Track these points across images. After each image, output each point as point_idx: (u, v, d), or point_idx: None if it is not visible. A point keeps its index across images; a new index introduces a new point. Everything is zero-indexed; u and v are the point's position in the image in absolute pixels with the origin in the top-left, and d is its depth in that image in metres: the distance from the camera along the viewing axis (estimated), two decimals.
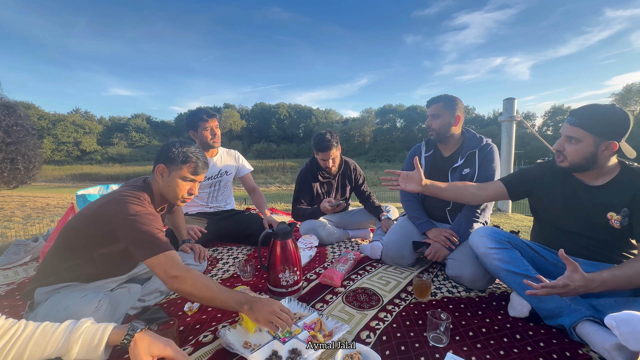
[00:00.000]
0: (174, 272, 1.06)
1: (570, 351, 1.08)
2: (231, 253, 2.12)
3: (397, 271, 1.76)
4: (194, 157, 1.33)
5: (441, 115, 1.75)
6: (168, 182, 1.31)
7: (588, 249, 1.30)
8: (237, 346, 1.06)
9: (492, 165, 1.74)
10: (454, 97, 1.76)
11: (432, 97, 1.80)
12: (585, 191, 1.29)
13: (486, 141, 1.79)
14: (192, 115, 2.12)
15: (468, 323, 1.25)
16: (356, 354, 1.02)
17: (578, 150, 1.23)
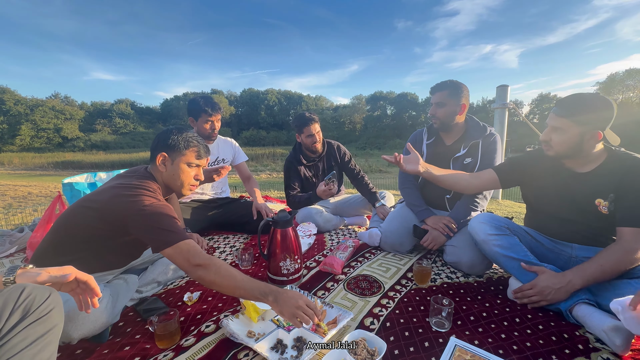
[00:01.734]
0: (197, 260, 1.03)
1: (568, 333, 1.12)
2: (228, 242, 2.08)
3: (396, 258, 1.77)
4: (196, 141, 1.29)
5: (446, 104, 1.71)
6: (172, 171, 1.26)
7: (581, 234, 1.32)
8: (241, 335, 1.04)
9: (495, 155, 1.73)
10: (460, 83, 1.71)
11: (436, 83, 1.75)
12: (574, 178, 1.31)
13: (490, 130, 1.77)
14: (196, 104, 2.04)
15: (469, 308, 1.27)
16: (362, 341, 1.02)
17: (564, 141, 1.24)
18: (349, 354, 0.96)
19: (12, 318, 0.67)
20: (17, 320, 0.68)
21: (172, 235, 1.05)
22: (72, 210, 1.17)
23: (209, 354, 1.01)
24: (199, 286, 1.46)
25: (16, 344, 0.66)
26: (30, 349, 0.67)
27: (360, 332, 1.05)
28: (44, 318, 0.71)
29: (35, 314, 0.70)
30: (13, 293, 0.69)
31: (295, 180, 2.36)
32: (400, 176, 2.02)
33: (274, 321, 1.13)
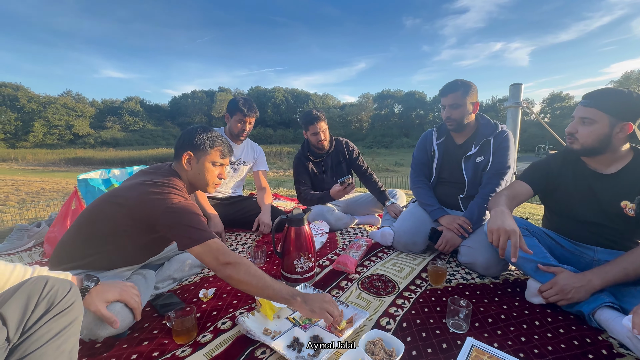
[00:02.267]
0: (227, 258, 1.04)
1: (590, 337, 1.09)
2: (239, 239, 2.09)
3: (410, 257, 1.75)
4: (220, 140, 1.32)
5: (461, 105, 1.68)
6: (198, 170, 1.28)
7: (605, 237, 1.29)
8: (257, 333, 1.04)
9: (508, 153, 1.70)
10: (469, 82, 1.70)
11: (445, 85, 1.72)
12: (598, 180, 1.27)
13: (501, 128, 1.74)
14: (235, 102, 2.11)
15: (486, 310, 1.25)
16: (379, 341, 1.01)
17: (592, 132, 1.20)
18: (366, 354, 0.95)
19: (37, 310, 0.69)
20: (42, 313, 0.69)
21: (201, 233, 1.06)
22: (97, 206, 1.18)
23: (226, 351, 1.01)
24: (213, 283, 1.46)
25: (41, 335, 0.67)
26: (55, 340, 0.68)
27: (377, 332, 1.04)
28: (67, 310, 0.73)
29: (59, 306, 0.71)
30: (37, 285, 0.71)
31: (305, 175, 2.38)
32: (411, 175, 2.00)
33: (290, 319, 1.13)
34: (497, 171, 1.70)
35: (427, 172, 1.94)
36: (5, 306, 0.66)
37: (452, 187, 1.85)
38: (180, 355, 0.99)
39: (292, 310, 1.17)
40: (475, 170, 1.75)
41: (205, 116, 63.78)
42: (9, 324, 0.64)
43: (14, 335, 0.65)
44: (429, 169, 1.93)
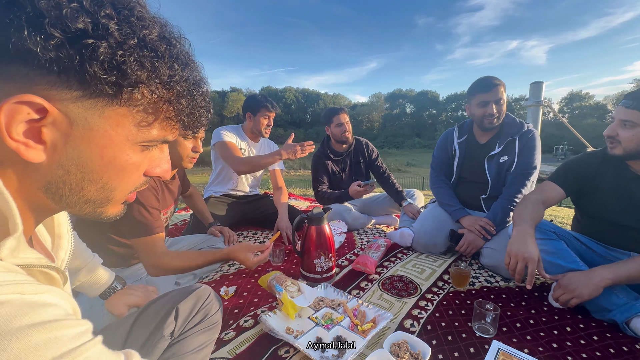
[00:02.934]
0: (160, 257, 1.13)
1: (627, 346, 1.04)
2: (257, 237, 2.10)
3: (430, 259, 1.72)
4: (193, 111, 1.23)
5: (504, 100, 1.64)
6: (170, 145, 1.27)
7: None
8: (281, 332, 1.04)
9: (534, 152, 1.64)
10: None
11: (487, 78, 1.65)
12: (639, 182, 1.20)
13: (527, 127, 1.68)
14: (256, 100, 2.11)
15: (513, 314, 1.21)
16: (404, 343, 0.99)
17: (634, 136, 1.13)
18: (392, 356, 0.93)
19: (196, 317, 0.74)
20: (198, 321, 0.74)
21: (144, 228, 1.11)
22: None
23: (249, 348, 1.01)
24: (233, 281, 1.47)
25: (191, 342, 0.72)
26: (198, 351, 0.72)
27: (401, 334, 1.02)
28: (213, 326, 0.78)
29: (209, 320, 0.77)
30: (204, 293, 0.76)
31: (323, 174, 2.37)
32: (431, 174, 1.96)
33: (312, 319, 1.12)
34: (523, 171, 1.64)
35: (448, 171, 1.90)
36: (182, 303, 0.71)
37: (474, 187, 1.80)
38: None
39: (314, 310, 1.16)
40: (499, 170, 1.70)
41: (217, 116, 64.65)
42: (178, 320, 0.69)
43: (177, 332, 0.69)
44: (449, 168, 1.88)
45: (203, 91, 0.43)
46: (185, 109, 0.41)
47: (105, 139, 0.37)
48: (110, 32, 0.32)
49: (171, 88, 0.38)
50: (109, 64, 0.32)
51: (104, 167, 0.38)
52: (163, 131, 0.41)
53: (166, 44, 0.37)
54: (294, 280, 1.26)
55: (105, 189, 0.40)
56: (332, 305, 1.19)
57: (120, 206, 0.45)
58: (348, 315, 1.11)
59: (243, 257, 1.24)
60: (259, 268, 1.62)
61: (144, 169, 0.44)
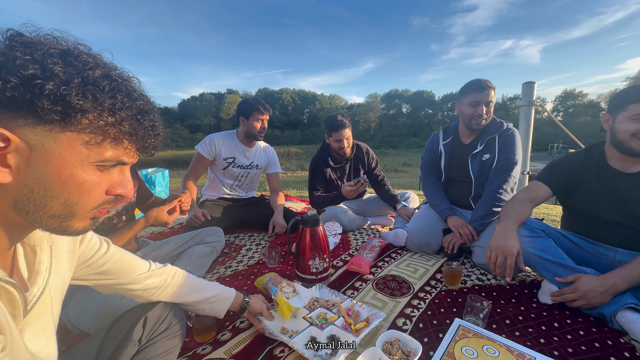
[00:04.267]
0: None
1: (612, 340, 1.07)
2: (253, 240, 2.12)
3: (424, 258, 1.75)
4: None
5: (493, 102, 1.70)
6: None
7: (627, 237, 1.26)
8: (276, 332, 1.06)
9: (514, 149, 1.69)
10: None
11: (478, 81, 1.67)
12: (623, 179, 1.24)
13: (507, 126, 1.75)
14: (248, 104, 2.11)
15: (503, 311, 1.24)
16: (396, 341, 1.02)
17: None
18: (384, 354, 0.96)
19: (163, 324, 0.80)
20: (164, 329, 0.81)
21: None
22: None
23: (245, 349, 1.03)
24: (229, 283, 1.49)
25: (157, 348, 0.78)
26: (163, 356, 0.79)
27: (393, 332, 1.05)
28: (177, 334, 0.85)
29: (175, 328, 0.83)
30: (167, 306, 0.83)
31: (321, 182, 2.34)
32: (422, 175, 2.01)
33: (307, 319, 1.14)
34: (504, 167, 1.69)
35: (437, 172, 1.95)
36: (151, 312, 0.78)
37: (462, 186, 1.85)
38: (201, 353, 1.01)
39: (309, 310, 1.18)
40: (482, 168, 1.75)
41: (214, 118, 64.53)
42: (146, 328, 0.76)
43: (145, 338, 0.76)
44: (438, 169, 1.94)
45: (151, 117, 0.50)
46: (129, 130, 0.47)
47: (60, 160, 0.43)
48: (56, 74, 0.40)
49: (115, 114, 0.45)
50: (54, 98, 0.40)
51: (63, 184, 0.44)
52: (116, 152, 0.48)
53: (108, 80, 0.45)
54: (289, 281, 1.28)
55: (67, 204, 0.46)
56: (326, 305, 1.22)
57: (87, 221, 0.50)
58: (342, 315, 1.14)
59: (156, 214, 1.33)
60: (255, 270, 1.64)
61: (105, 188, 0.49)
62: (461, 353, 0.98)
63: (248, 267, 1.68)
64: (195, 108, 66.28)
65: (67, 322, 1.11)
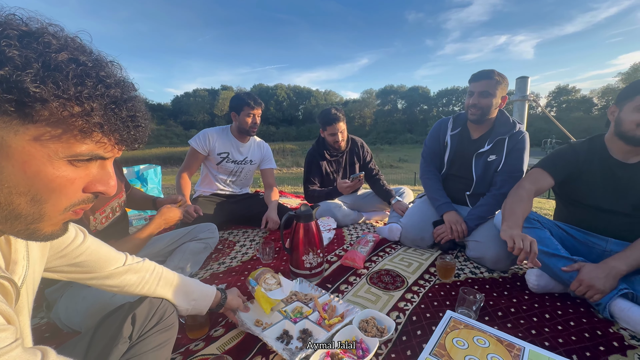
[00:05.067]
0: None
1: (601, 330, 1.09)
2: (247, 235, 2.11)
3: (417, 253, 1.76)
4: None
5: (492, 94, 1.59)
6: None
7: (621, 227, 1.28)
8: (248, 323, 1.06)
9: (523, 155, 1.64)
10: (504, 75, 1.61)
11: (480, 71, 1.63)
12: (624, 169, 1.26)
13: (519, 128, 1.67)
14: (239, 99, 2.08)
15: (496, 303, 1.26)
16: (371, 319, 1.06)
17: None
18: (359, 330, 1.00)
19: (152, 320, 0.79)
20: (155, 324, 0.80)
21: None
22: None
23: (238, 344, 1.03)
24: (223, 279, 1.48)
25: (149, 342, 0.77)
26: (157, 350, 0.78)
27: (370, 312, 1.10)
28: (169, 327, 0.83)
29: (166, 322, 0.82)
30: (155, 301, 0.82)
31: (316, 175, 2.35)
32: (422, 164, 1.97)
33: (281, 312, 1.13)
34: (511, 174, 1.64)
35: (439, 163, 1.89)
36: (139, 308, 0.77)
37: (460, 182, 1.82)
38: (193, 349, 1.01)
39: (285, 303, 1.19)
40: (486, 169, 1.70)
41: (208, 115, 63.98)
42: (136, 325, 0.75)
43: (135, 335, 0.75)
44: (440, 160, 1.87)
45: (129, 107, 0.45)
46: (100, 122, 0.41)
47: (24, 155, 0.39)
48: (10, 57, 0.35)
49: (82, 103, 0.39)
50: (7, 85, 0.35)
51: (29, 180, 0.40)
52: (90, 146, 0.42)
53: (75, 64, 0.39)
54: (274, 273, 1.27)
55: (35, 202, 0.41)
56: (304, 299, 1.22)
57: (58, 225, 0.45)
58: (317, 309, 1.14)
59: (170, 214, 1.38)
60: (248, 266, 1.63)
61: (81, 185, 0.44)
62: (452, 344, 0.99)
63: (242, 263, 1.67)
64: (189, 104, 65.62)
65: (57, 320, 1.09)
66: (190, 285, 0.93)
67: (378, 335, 1.00)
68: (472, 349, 0.97)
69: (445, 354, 0.95)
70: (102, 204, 1.22)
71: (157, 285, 0.84)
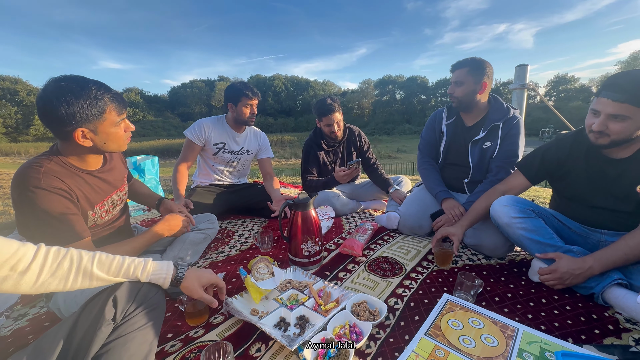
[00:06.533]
0: None
1: (597, 314, 1.10)
2: (246, 225, 2.11)
3: (416, 240, 1.76)
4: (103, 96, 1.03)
5: (465, 82, 1.62)
6: (103, 140, 1.08)
7: (616, 222, 1.27)
8: (245, 313, 1.06)
9: (517, 140, 1.64)
10: (482, 60, 1.62)
11: (457, 61, 1.66)
12: (612, 165, 1.23)
13: (513, 113, 1.66)
14: (235, 89, 2.03)
15: (493, 289, 1.27)
16: (363, 303, 1.08)
17: (626, 128, 1.09)
18: (352, 315, 1.02)
19: (136, 300, 0.80)
20: (139, 304, 0.80)
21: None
22: None
23: (237, 331, 1.03)
24: (222, 267, 1.48)
25: (134, 322, 0.78)
26: (142, 329, 0.79)
27: (362, 296, 1.12)
28: (156, 306, 0.84)
29: (151, 301, 0.82)
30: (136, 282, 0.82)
31: (313, 165, 2.33)
32: (419, 156, 1.98)
33: (277, 300, 1.15)
34: (506, 159, 1.64)
35: (435, 153, 1.90)
36: (119, 291, 0.77)
37: (458, 170, 1.82)
38: (193, 336, 1.01)
39: (280, 292, 1.19)
40: (482, 156, 1.71)
41: (205, 106, 63.32)
42: (118, 307, 0.76)
43: (119, 317, 0.76)
44: (436, 150, 1.89)
45: None
46: None
47: None
48: None
49: None
50: None
51: None
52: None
53: None
54: (268, 263, 1.28)
55: None
56: (299, 287, 1.23)
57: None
58: (313, 296, 1.15)
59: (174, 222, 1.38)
60: (247, 255, 1.64)
61: None
62: (447, 325, 1.02)
63: (241, 252, 1.67)
64: (186, 96, 64.86)
65: (57, 310, 1.09)
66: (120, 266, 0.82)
67: (370, 319, 1.02)
68: (466, 329, 0.99)
69: (440, 334, 0.98)
70: (102, 198, 1.20)
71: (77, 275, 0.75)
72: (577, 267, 1.18)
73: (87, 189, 1.14)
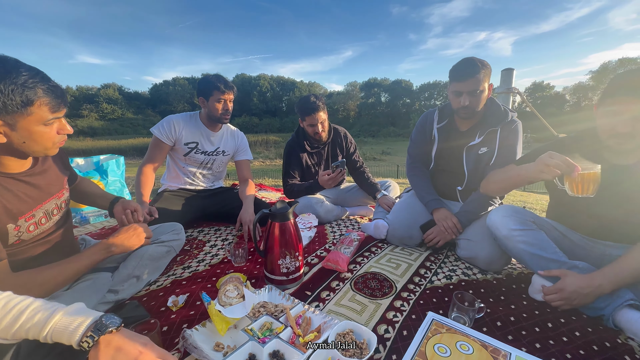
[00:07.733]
0: None
1: (609, 341, 0.98)
2: (219, 234, 1.90)
3: (405, 252, 1.62)
4: (37, 87, 0.84)
5: (483, 91, 1.41)
6: (23, 137, 0.87)
7: (619, 232, 1.16)
8: (206, 349, 0.87)
9: (516, 146, 1.50)
10: (484, 61, 1.43)
11: (462, 66, 1.42)
12: (618, 171, 1.12)
13: (512, 117, 1.52)
14: (206, 82, 1.80)
15: (493, 310, 1.13)
16: (349, 333, 0.92)
17: None
18: (336, 351, 0.86)
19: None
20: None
21: None
22: None
23: None
24: (186, 287, 1.28)
25: None
26: None
27: (347, 324, 0.95)
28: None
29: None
30: None
31: (296, 168, 2.15)
32: (408, 161, 1.84)
33: (247, 330, 0.94)
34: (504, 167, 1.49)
35: (426, 158, 1.75)
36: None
37: (451, 176, 1.68)
38: None
39: (251, 319, 1.00)
40: (477, 163, 1.57)
41: (188, 104, 61.83)
42: None
43: None
44: (427, 155, 1.74)
45: None
46: None
47: None
48: None
49: None
50: None
51: None
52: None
53: None
54: (239, 283, 1.08)
55: None
56: (274, 312, 1.04)
57: None
58: (290, 324, 0.97)
59: (132, 241, 1.17)
60: (217, 270, 1.43)
61: None
62: (433, 352, 0.89)
63: (210, 267, 1.47)
64: (168, 93, 63.04)
65: None
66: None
67: (357, 354, 0.85)
68: (454, 356, 0.87)
69: None
70: (30, 207, 0.96)
71: None
72: (585, 286, 1.06)
73: (8, 197, 0.91)
